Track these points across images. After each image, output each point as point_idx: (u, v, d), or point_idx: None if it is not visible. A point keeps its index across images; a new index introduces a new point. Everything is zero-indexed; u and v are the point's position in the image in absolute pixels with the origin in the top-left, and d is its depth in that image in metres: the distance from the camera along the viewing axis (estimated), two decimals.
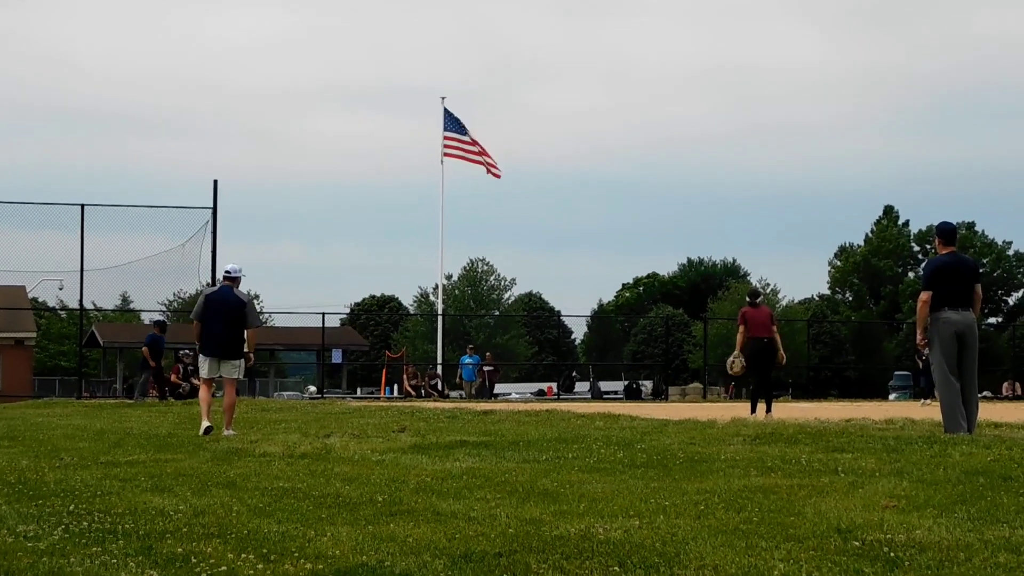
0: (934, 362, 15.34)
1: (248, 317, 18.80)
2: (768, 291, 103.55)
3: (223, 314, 18.70)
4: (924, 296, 15.52)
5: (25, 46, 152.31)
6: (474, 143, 53.16)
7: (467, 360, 48.18)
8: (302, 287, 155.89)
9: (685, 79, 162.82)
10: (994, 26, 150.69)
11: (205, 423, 18.25)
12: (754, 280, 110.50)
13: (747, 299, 24.47)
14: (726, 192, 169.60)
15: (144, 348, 35.24)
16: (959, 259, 15.73)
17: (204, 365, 18.86)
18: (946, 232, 15.76)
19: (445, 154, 52.86)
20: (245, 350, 18.91)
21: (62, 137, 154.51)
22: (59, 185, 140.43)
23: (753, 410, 21.67)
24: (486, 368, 47.93)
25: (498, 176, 53.32)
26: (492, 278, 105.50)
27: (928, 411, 21.27)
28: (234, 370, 18.79)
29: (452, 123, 53.18)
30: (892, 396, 50.59)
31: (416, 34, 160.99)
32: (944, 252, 15.68)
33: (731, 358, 23.35)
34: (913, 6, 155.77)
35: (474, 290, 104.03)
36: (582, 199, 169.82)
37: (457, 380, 48.32)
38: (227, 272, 19.20)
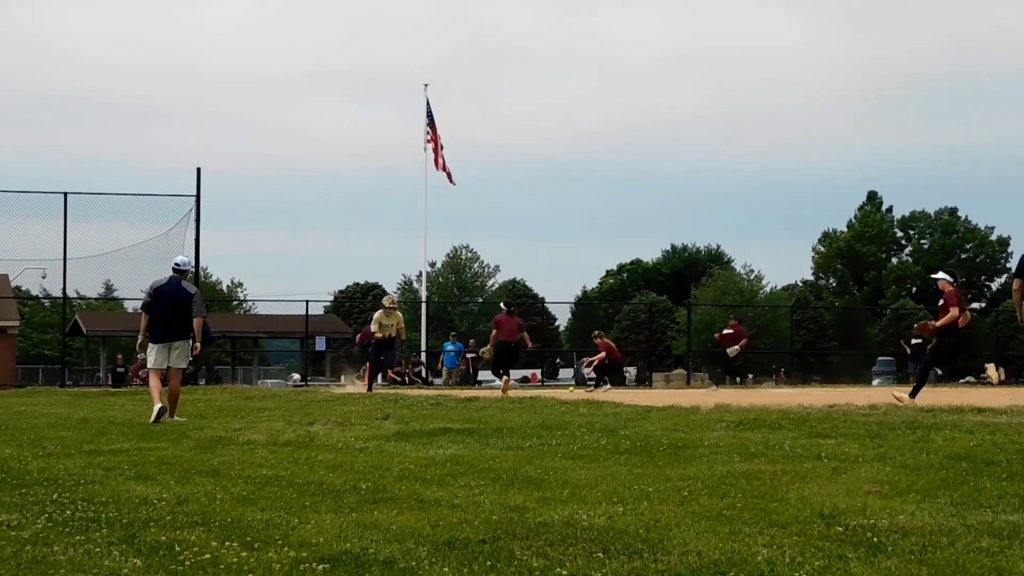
0: None
1: (194, 308, 18.99)
2: (752, 277, 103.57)
3: (171, 305, 18.96)
4: (1016, 284, 16.83)
5: (1, 30, 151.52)
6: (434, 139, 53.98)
7: (450, 347, 47.84)
8: (286, 275, 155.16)
9: (666, 65, 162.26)
10: (975, 11, 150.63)
11: (157, 405, 18.32)
12: (738, 266, 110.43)
13: (502, 306, 32.76)
14: (710, 178, 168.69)
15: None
16: None
17: (152, 355, 19.03)
18: None
19: (428, 141, 52.97)
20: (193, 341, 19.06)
21: (42, 124, 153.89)
22: (41, 173, 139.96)
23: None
24: (469, 355, 47.74)
25: (453, 184, 54.82)
26: (476, 265, 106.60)
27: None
28: (180, 358, 19.01)
29: (432, 112, 54.16)
30: (875, 382, 50.62)
31: (397, 19, 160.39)
32: None
33: (483, 350, 29.21)
34: None
35: (458, 277, 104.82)
36: (566, 185, 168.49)
37: (439, 367, 47.98)
38: (176, 265, 19.48)
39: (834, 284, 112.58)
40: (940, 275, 20.77)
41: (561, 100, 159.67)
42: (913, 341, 42.53)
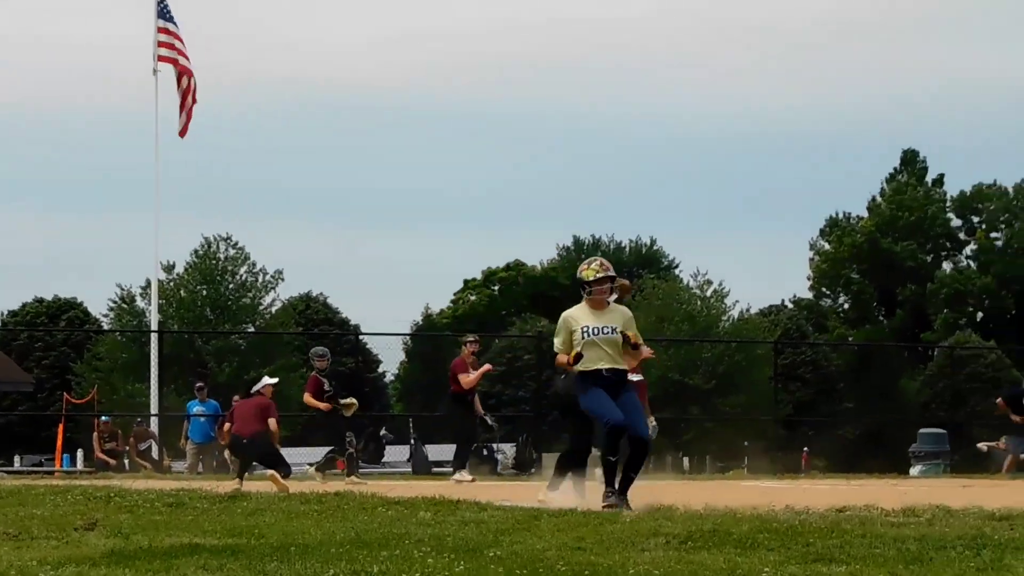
0: None
1: None
2: (709, 292, 65.33)
3: None
4: None
5: None
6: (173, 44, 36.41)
7: (198, 408, 34.29)
8: None
9: None
10: None
11: None
12: (685, 273, 75.14)
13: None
14: (636, 132, 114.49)
15: None
16: None
17: None
18: None
19: (160, 58, 36.05)
20: None
21: None
22: None
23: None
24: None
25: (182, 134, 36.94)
26: (243, 270, 66.73)
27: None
28: None
29: (167, 9, 36.85)
30: (916, 469, 38.32)
31: None
32: None
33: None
34: None
35: (212, 290, 65.82)
36: (398, 142, 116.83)
37: (182, 442, 37.33)
38: None
39: (847, 305, 79.27)
40: None
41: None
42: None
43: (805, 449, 41.80)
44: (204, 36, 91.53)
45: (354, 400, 24.70)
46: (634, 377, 15.76)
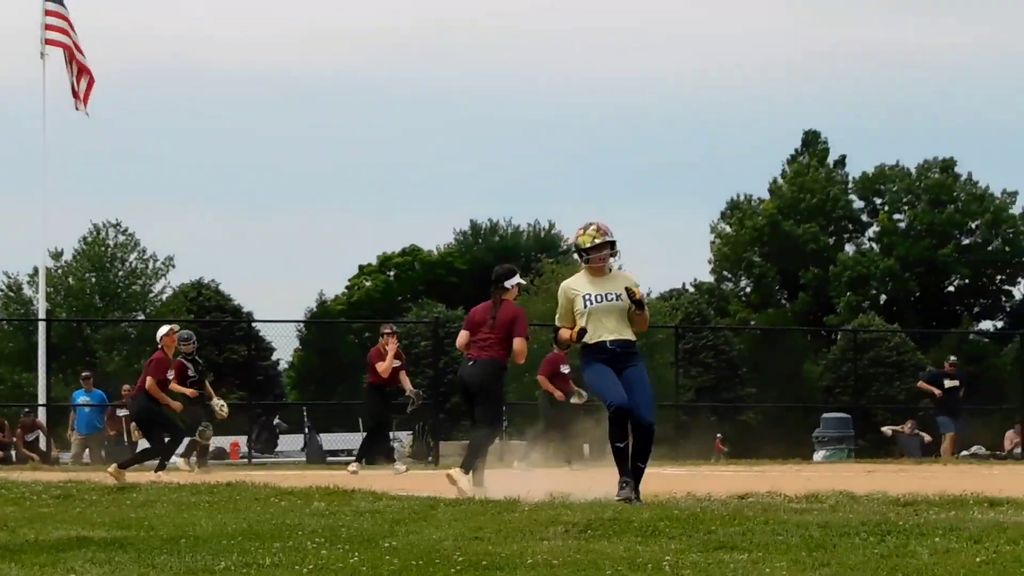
0: None
1: None
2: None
3: None
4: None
5: None
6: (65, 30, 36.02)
7: (83, 398, 33.29)
8: None
9: None
10: None
11: None
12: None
13: None
14: (527, 105, 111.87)
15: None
16: None
17: None
18: None
19: (48, 41, 35.58)
20: None
21: None
22: None
23: None
24: (122, 413, 32.80)
25: (82, 110, 36.46)
26: (133, 256, 66.26)
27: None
28: None
29: None
30: (819, 454, 37.39)
31: None
32: None
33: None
34: None
35: (101, 277, 65.16)
36: (287, 124, 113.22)
37: (69, 433, 33.54)
38: None
39: (748, 289, 78.18)
40: None
41: None
42: (947, 384, 30.95)
43: (719, 436, 41.29)
44: (89, 20, 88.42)
45: (225, 411, 24.51)
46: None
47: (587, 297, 12.43)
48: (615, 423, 12.27)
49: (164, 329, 22.06)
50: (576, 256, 12.70)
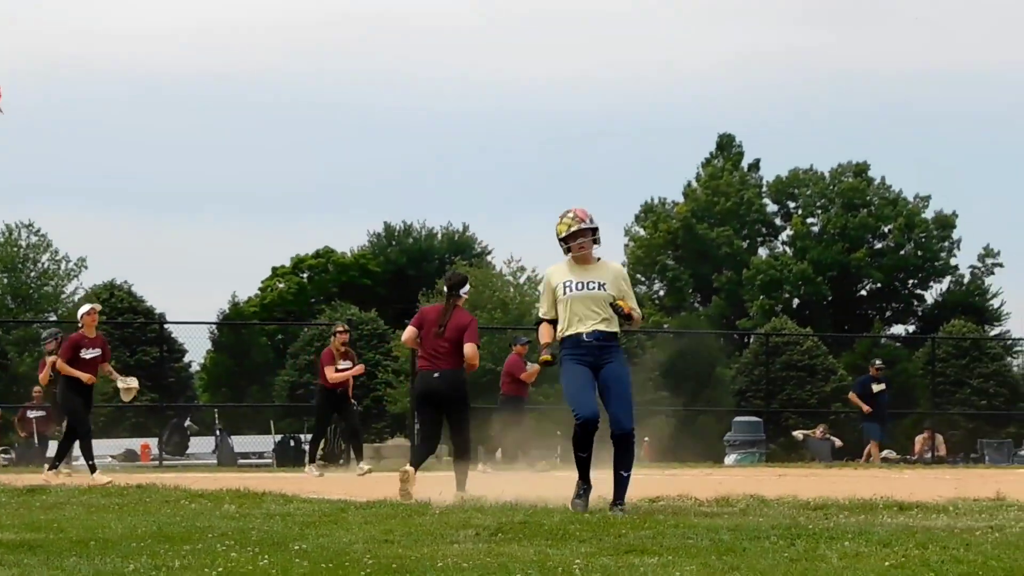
0: None
1: None
2: (523, 280, 62.33)
3: None
4: None
5: None
6: None
7: None
8: None
9: None
10: None
11: None
12: (498, 260, 71.08)
13: None
14: (444, 121, 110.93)
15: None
16: None
17: None
18: None
19: None
20: None
21: None
22: None
23: None
24: (32, 415, 32.38)
25: None
26: (45, 257, 68.65)
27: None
28: None
29: None
30: (731, 458, 36.33)
31: None
32: None
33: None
34: None
35: (13, 278, 68.97)
36: (201, 126, 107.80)
37: None
38: None
39: (662, 293, 77.10)
40: None
41: None
42: (875, 388, 31.28)
43: (646, 439, 40.69)
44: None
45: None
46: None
47: (567, 284, 11.70)
48: (577, 434, 11.66)
49: (85, 307, 21.55)
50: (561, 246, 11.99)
